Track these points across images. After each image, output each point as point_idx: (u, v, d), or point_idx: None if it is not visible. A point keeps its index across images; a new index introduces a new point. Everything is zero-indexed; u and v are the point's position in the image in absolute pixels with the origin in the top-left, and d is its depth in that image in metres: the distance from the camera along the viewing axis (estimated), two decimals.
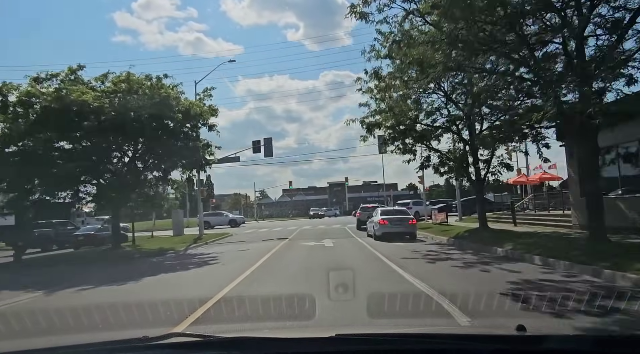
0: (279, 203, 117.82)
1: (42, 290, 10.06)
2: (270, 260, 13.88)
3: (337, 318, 5.92)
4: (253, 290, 8.65)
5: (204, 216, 45.04)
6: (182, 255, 18.47)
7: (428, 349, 1.92)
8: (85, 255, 20.58)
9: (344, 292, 7.57)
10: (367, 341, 2.04)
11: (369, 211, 27.56)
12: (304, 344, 2.07)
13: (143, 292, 9.40)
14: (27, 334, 5.66)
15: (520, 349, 1.95)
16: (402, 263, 11.85)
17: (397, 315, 6.04)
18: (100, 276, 12.25)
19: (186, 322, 5.94)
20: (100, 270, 14.19)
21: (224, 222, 44.26)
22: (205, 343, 2.03)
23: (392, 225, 19.35)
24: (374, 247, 16.60)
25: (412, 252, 14.45)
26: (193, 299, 7.27)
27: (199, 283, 10.51)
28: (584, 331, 4.63)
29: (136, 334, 2.19)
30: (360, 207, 31.36)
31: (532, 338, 2.07)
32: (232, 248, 19.43)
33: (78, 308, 7.18)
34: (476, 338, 2.19)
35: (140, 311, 6.51)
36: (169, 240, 26.50)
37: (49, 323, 6.26)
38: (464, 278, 9.32)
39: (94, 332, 5.37)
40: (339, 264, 12.44)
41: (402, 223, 19.66)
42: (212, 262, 14.53)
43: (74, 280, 11.53)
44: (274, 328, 5.12)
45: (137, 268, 13.84)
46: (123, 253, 19.92)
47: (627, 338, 2.17)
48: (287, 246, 19.01)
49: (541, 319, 5.40)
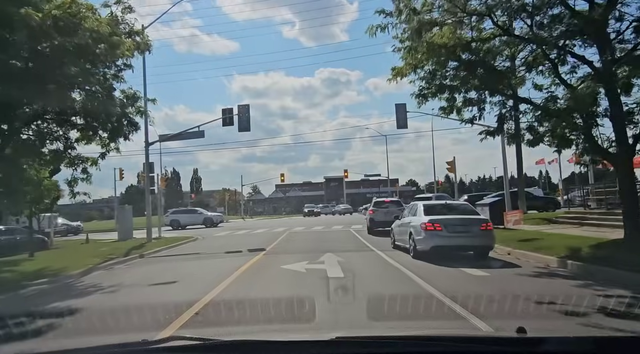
0: (271, 200, 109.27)
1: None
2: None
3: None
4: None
5: (173, 215, 36.57)
6: (43, 291, 9.65)
7: (428, 351, 1.89)
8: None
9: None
10: (367, 344, 2.02)
11: (389, 209, 19.08)
12: (304, 347, 2.03)
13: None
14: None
15: (520, 351, 1.92)
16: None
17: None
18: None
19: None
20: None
21: (197, 221, 35.71)
22: (206, 346, 2.02)
23: (449, 233, 10.86)
24: (429, 280, 8.04)
25: (550, 308, 5.94)
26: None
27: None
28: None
29: (135, 337, 2.38)
30: (373, 202, 22.76)
31: (532, 340, 2.05)
32: (156, 274, 10.95)
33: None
34: (476, 339, 2.21)
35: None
36: (94, 249, 18.00)
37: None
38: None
39: None
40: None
41: (468, 229, 11.02)
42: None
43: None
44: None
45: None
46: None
47: (627, 339, 2.14)
48: (254, 272, 10.35)
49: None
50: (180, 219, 35.74)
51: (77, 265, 12.69)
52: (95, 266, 12.78)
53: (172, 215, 36.18)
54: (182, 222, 35.79)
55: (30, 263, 14.54)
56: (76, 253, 16.91)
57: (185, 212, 36.67)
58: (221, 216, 37.15)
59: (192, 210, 37.10)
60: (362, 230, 21.92)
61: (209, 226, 35.49)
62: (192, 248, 18.14)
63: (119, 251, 16.54)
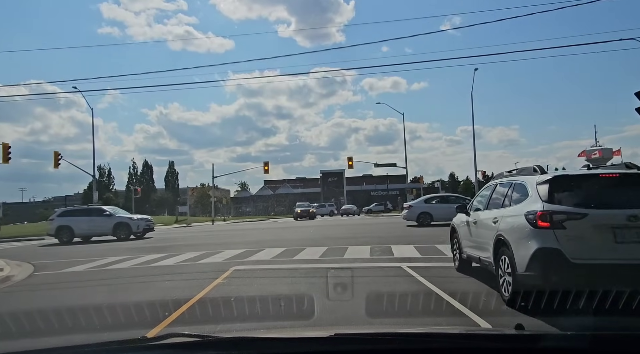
0: (258, 198, 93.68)
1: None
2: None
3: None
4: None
5: (62, 218, 21.37)
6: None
7: (427, 348, 1.85)
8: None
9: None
10: (367, 341, 1.98)
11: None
12: (303, 344, 2.00)
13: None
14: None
15: (519, 347, 1.89)
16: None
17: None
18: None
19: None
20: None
21: (105, 228, 20.54)
22: (205, 343, 1.98)
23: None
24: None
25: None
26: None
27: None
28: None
29: (134, 334, 1.98)
30: (489, 190, 7.53)
31: (530, 337, 2.05)
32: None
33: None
34: (475, 336, 2.16)
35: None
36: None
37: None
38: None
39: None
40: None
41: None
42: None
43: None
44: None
45: None
46: None
47: (624, 337, 2.09)
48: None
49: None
50: (75, 225, 20.52)
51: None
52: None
53: (60, 218, 20.92)
54: (78, 230, 20.61)
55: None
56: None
57: (83, 213, 21.29)
58: (148, 221, 21.86)
59: (95, 210, 21.71)
60: (420, 262, 7.26)
61: (124, 237, 20.34)
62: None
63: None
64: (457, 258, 7.83)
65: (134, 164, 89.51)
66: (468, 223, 7.01)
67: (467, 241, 7.08)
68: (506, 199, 6.31)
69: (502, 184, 6.25)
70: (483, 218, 6.30)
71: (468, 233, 6.93)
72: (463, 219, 7.40)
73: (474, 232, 6.58)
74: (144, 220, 21.71)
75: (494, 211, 5.97)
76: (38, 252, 16.27)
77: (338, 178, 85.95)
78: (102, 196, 78.26)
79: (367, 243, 13.46)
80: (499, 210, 5.85)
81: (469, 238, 6.86)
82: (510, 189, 6.30)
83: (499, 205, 6.03)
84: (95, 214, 21.10)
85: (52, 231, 20.58)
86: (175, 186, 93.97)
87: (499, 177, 6.65)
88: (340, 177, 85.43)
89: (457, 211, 7.43)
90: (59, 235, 20.42)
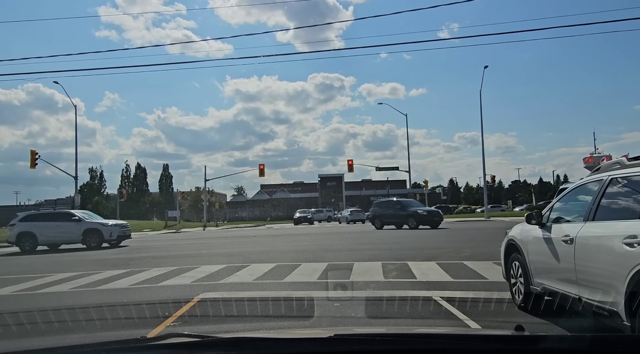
0: (253, 202, 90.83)
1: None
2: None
3: None
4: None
5: (24, 223, 18.73)
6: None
7: (427, 349, 1.77)
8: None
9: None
10: (366, 341, 1.88)
11: None
12: (303, 344, 1.91)
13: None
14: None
15: (518, 348, 1.79)
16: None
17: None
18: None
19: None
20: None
21: (73, 235, 18.01)
22: (205, 343, 1.87)
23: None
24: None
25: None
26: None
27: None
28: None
29: (133, 334, 2.06)
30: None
31: (530, 338, 1.99)
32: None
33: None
34: (474, 337, 2.10)
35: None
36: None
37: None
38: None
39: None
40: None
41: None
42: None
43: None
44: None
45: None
46: None
47: (624, 339, 2.07)
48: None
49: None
50: (38, 231, 17.97)
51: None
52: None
53: (22, 223, 18.34)
54: (42, 237, 18.06)
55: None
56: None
57: (49, 218, 18.71)
58: (125, 228, 19.24)
59: (62, 215, 19.12)
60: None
61: (95, 245, 17.80)
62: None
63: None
64: (518, 290, 5.36)
65: (126, 167, 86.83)
66: (549, 241, 4.53)
67: (547, 267, 4.60)
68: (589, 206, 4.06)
69: (631, 180, 3.75)
70: (590, 234, 3.83)
71: (550, 256, 4.45)
72: (535, 234, 4.92)
73: (566, 256, 4.11)
74: (119, 226, 19.13)
75: (620, 225, 3.51)
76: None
77: (337, 182, 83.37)
78: (92, 200, 75.57)
79: (375, 257, 10.95)
80: (634, 222, 3.39)
81: (553, 265, 4.39)
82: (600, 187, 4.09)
83: (629, 214, 3.57)
84: (62, 219, 18.54)
85: (13, 238, 18.04)
86: (170, 190, 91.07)
87: (608, 169, 4.16)
88: (339, 182, 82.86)
89: (526, 220, 4.98)
90: (20, 243, 17.88)
